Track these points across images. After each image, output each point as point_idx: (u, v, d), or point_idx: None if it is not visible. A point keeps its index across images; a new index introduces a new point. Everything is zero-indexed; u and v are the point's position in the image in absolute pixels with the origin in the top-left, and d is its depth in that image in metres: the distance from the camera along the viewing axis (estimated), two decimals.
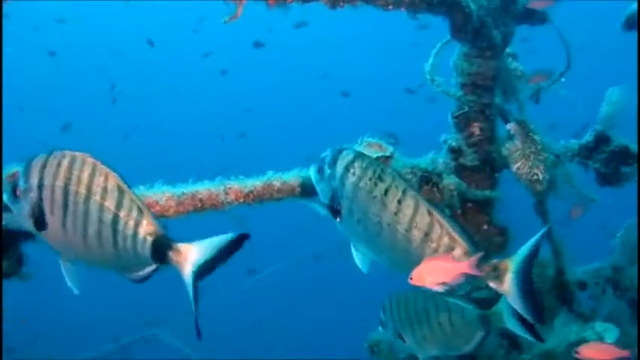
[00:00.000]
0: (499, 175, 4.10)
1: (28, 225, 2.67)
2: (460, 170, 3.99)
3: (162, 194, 3.29)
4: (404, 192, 2.70)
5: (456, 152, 4.01)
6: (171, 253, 2.55)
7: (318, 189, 2.95)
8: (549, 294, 4.30)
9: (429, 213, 2.68)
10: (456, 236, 2.66)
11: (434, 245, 2.66)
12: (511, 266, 2.65)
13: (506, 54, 4.18)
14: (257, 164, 4.16)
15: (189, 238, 2.56)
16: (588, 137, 4.41)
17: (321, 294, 16.84)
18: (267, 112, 25.94)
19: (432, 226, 2.67)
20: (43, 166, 2.60)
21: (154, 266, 2.64)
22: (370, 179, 2.73)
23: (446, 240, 2.66)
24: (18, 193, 2.65)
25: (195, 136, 24.89)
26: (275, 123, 25.74)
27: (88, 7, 25.06)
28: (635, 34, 4.42)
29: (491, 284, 2.66)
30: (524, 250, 2.67)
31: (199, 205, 3.34)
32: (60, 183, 2.57)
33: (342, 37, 27.28)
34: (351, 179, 2.77)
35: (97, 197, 2.56)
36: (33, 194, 2.61)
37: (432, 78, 4.03)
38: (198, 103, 26.76)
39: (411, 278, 2.63)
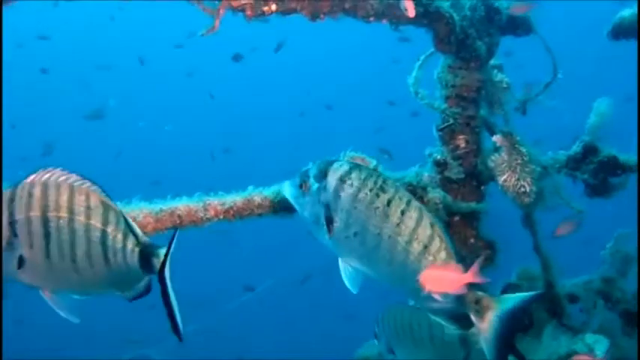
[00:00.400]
0: (485, 188, 4.04)
1: (10, 267, 2.53)
2: (446, 184, 3.92)
3: (139, 211, 3.21)
4: (408, 203, 2.64)
5: (441, 165, 3.93)
6: (155, 261, 2.48)
7: (297, 204, 2.86)
8: (539, 307, 4.23)
9: (432, 226, 2.63)
10: (453, 254, 2.63)
11: (431, 259, 2.60)
12: (495, 307, 2.60)
13: (492, 66, 4.13)
14: (242, 179, 4.08)
15: None
16: (576, 148, 4.36)
17: (309, 311, 16.72)
18: (252, 127, 25.80)
19: (432, 239, 2.61)
20: (11, 200, 2.48)
21: (147, 278, 2.57)
22: (371, 190, 2.66)
23: (443, 254, 2.61)
24: None
25: (182, 153, 24.72)
26: (259, 138, 25.59)
27: (70, 23, 24.90)
28: (622, 42, 4.38)
29: (472, 316, 2.62)
30: (514, 298, 2.62)
31: (178, 221, 3.26)
32: (36, 213, 2.46)
33: (323, 51, 27.25)
34: (348, 191, 2.69)
35: (82, 217, 2.48)
36: (5, 233, 2.49)
37: (415, 91, 3.97)
38: (184, 119, 26.52)
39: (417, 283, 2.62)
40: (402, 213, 2.62)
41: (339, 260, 2.76)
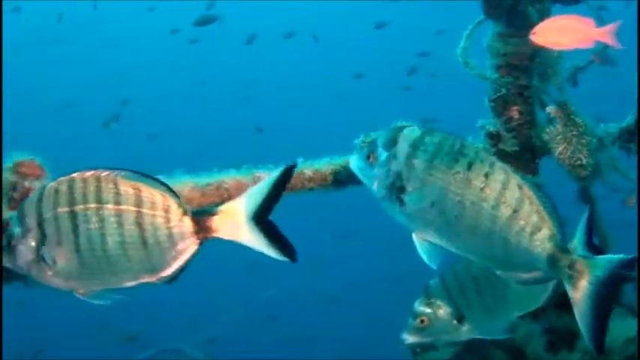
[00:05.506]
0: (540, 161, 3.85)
1: (34, 267, 2.37)
2: (500, 156, 3.67)
3: (184, 184, 3.04)
4: (491, 165, 2.36)
5: (494, 138, 3.76)
6: (213, 219, 2.30)
7: (364, 177, 2.55)
8: None
9: (519, 187, 2.34)
10: (545, 216, 2.33)
11: (522, 223, 2.32)
12: (590, 271, 2.26)
13: None
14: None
15: None
16: (629, 120, 4.16)
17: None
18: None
19: (522, 202, 2.33)
20: (39, 201, 2.32)
21: (194, 246, 2.33)
22: (448, 154, 2.38)
23: (534, 218, 2.32)
24: (14, 242, 2.35)
25: None
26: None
27: None
28: None
29: (565, 283, 2.30)
30: (613, 260, 2.27)
31: (226, 195, 3.07)
32: (64, 209, 2.29)
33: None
34: (422, 158, 2.40)
35: (111, 205, 2.29)
36: (33, 233, 2.32)
37: (465, 61, 3.79)
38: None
39: (534, 33, 2.78)
40: (486, 176, 2.34)
41: (414, 235, 2.48)
